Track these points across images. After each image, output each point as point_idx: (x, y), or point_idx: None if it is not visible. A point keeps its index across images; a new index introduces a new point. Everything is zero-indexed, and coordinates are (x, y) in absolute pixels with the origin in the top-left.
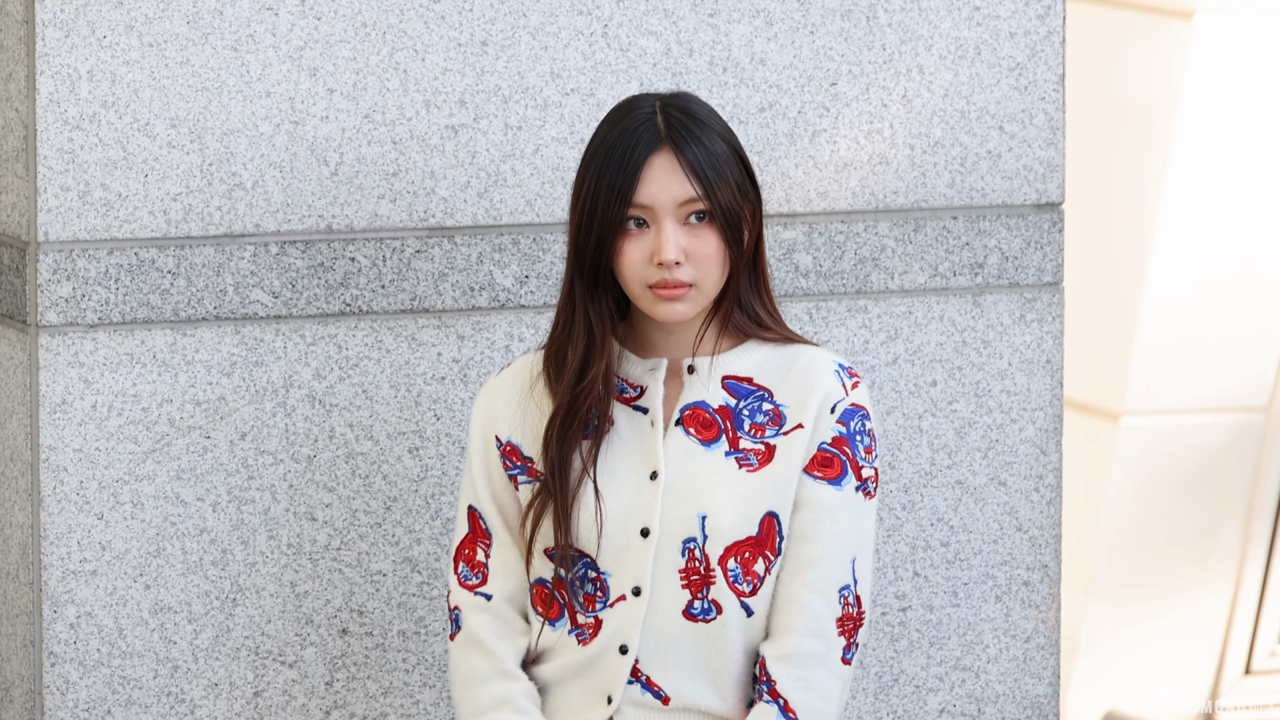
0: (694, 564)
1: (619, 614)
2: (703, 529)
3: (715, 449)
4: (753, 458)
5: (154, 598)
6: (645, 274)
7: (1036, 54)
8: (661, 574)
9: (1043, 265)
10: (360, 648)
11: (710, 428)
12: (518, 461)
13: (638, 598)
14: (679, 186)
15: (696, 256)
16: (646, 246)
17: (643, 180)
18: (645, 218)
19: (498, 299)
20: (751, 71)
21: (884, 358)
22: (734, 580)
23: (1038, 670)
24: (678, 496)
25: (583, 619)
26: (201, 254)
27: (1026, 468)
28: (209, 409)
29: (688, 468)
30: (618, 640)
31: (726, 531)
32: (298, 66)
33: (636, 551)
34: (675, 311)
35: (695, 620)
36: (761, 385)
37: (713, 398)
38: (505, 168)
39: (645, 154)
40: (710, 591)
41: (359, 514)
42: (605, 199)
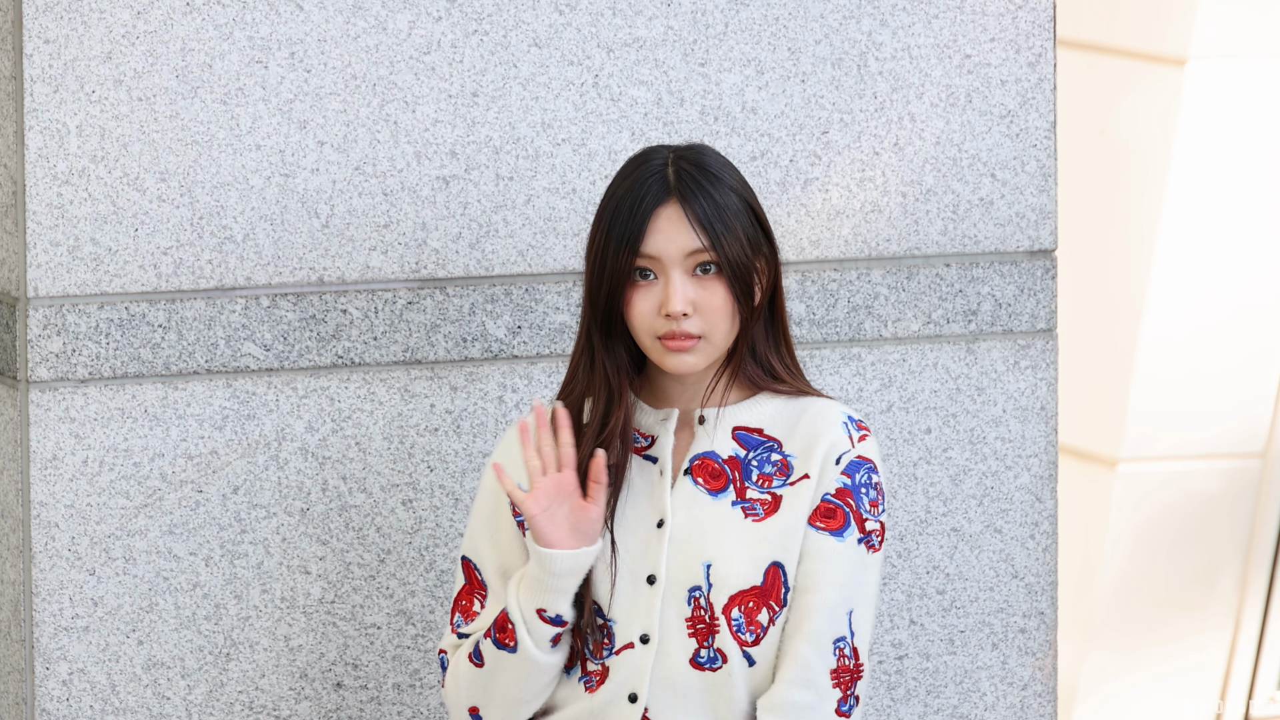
0: (699, 612)
1: (626, 662)
2: (707, 577)
3: (722, 499)
4: (759, 507)
5: (147, 653)
6: (654, 325)
7: (1028, 101)
8: (669, 622)
9: (1036, 312)
10: (355, 701)
11: (719, 478)
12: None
13: (646, 645)
14: (685, 238)
15: (705, 308)
16: (655, 298)
17: (650, 231)
18: (653, 269)
19: (490, 350)
20: (743, 120)
21: (878, 405)
22: (737, 630)
23: (1035, 718)
24: (683, 544)
25: (591, 666)
26: (192, 307)
27: (1022, 514)
28: (201, 463)
29: (694, 516)
30: (626, 689)
31: (731, 580)
32: (288, 119)
33: (644, 599)
34: (685, 363)
35: (702, 669)
36: (772, 436)
37: (722, 448)
38: (497, 218)
39: (653, 205)
40: (715, 640)
41: (353, 567)
42: (614, 249)
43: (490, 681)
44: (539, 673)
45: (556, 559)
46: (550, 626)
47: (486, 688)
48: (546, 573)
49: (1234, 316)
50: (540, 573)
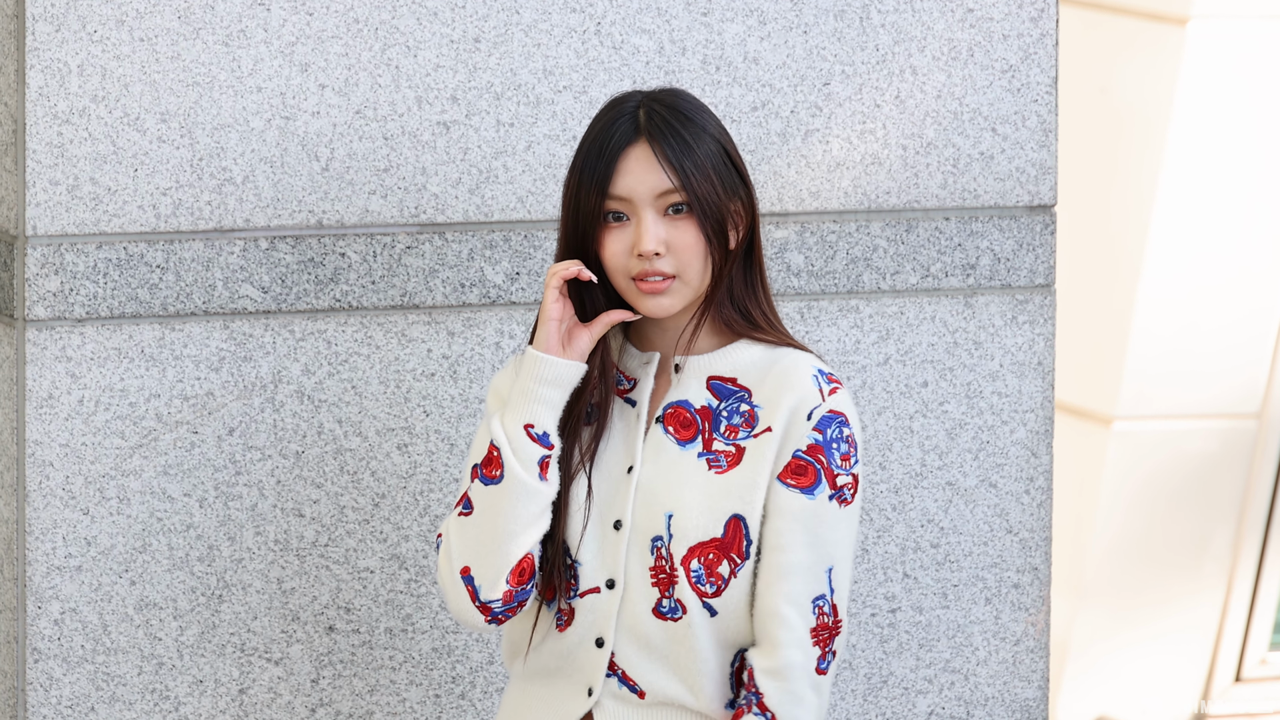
0: (661, 562)
1: (592, 606)
2: (668, 528)
3: (689, 449)
4: (722, 459)
5: (139, 594)
6: (627, 265)
7: (1029, 56)
8: (633, 569)
9: (1035, 267)
10: (347, 645)
11: (689, 427)
12: None
13: (611, 591)
14: (655, 178)
15: (677, 247)
16: (627, 239)
17: (619, 172)
18: (625, 211)
19: (488, 295)
20: (744, 71)
21: (875, 358)
22: (696, 581)
23: (1027, 673)
24: (648, 492)
25: (561, 604)
26: (190, 249)
27: (1017, 469)
28: (197, 404)
29: (660, 465)
30: (593, 633)
31: (690, 532)
32: (289, 62)
33: (610, 544)
34: (660, 305)
35: (664, 619)
36: (743, 386)
37: (695, 397)
38: (497, 164)
39: (621, 146)
40: (675, 591)
41: (347, 510)
42: (585, 191)
43: (480, 526)
44: (528, 498)
45: (547, 363)
46: (537, 446)
47: (477, 535)
48: (534, 379)
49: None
50: (528, 381)
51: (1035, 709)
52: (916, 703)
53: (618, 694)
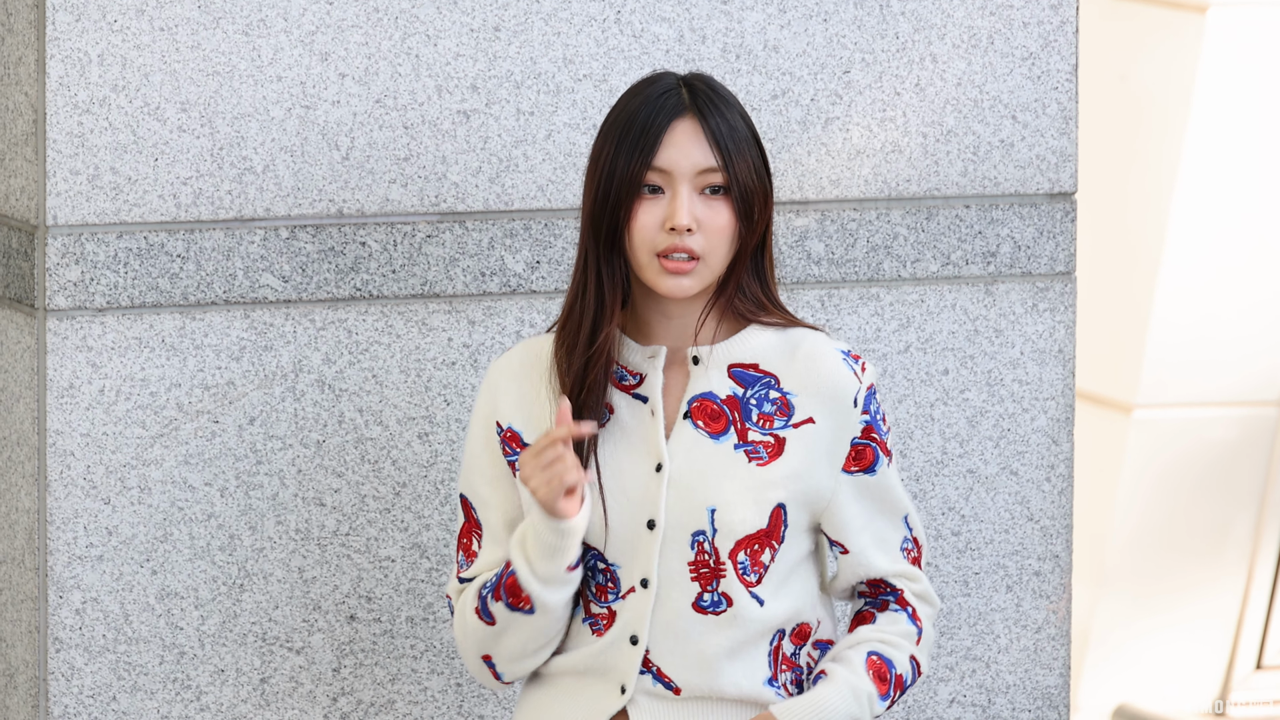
0: (703, 557)
1: (630, 605)
2: (712, 522)
3: (724, 441)
4: (762, 450)
5: (160, 583)
6: (655, 240)
7: (1050, 44)
8: (669, 566)
9: (1055, 255)
10: (368, 634)
11: (719, 419)
12: (518, 449)
13: (645, 589)
14: (700, 154)
15: (709, 227)
16: (660, 212)
17: (664, 144)
18: (662, 184)
19: (509, 284)
20: (764, 59)
21: (895, 345)
22: (743, 572)
23: (1048, 661)
24: (684, 489)
25: (596, 609)
26: (211, 238)
27: (1038, 457)
28: (217, 393)
29: (694, 461)
30: (628, 631)
31: (738, 526)
32: (309, 51)
33: (644, 544)
34: (680, 286)
35: (705, 613)
36: (768, 371)
37: (719, 388)
38: (517, 153)
39: (670, 118)
40: (720, 585)
41: (368, 499)
42: (625, 160)
43: (505, 638)
44: (557, 619)
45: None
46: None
47: (500, 641)
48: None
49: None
50: (557, 539)
51: (1056, 697)
52: (938, 690)
53: (651, 691)
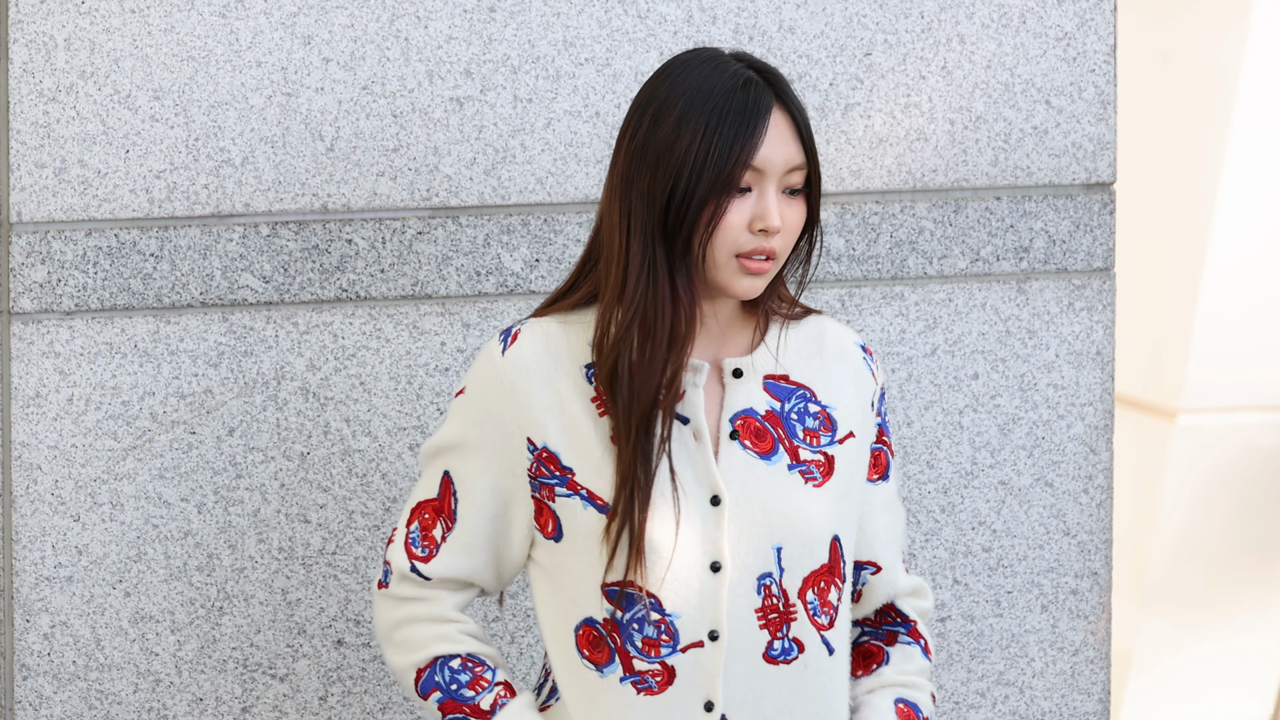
0: (771, 600)
1: (694, 662)
2: (779, 561)
3: (777, 463)
4: (815, 470)
5: (134, 606)
6: (740, 241)
7: (1086, 23)
8: (737, 614)
9: (1093, 249)
10: (356, 660)
11: (764, 438)
12: (557, 471)
13: (715, 643)
14: (792, 150)
15: (788, 226)
16: (748, 211)
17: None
18: (751, 182)
19: (506, 284)
20: (779, 40)
21: (922, 348)
22: (814, 614)
23: (1086, 686)
24: (748, 524)
25: (643, 665)
26: (187, 236)
27: (1075, 467)
28: (194, 402)
29: (752, 489)
30: (699, 694)
31: (804, 560)
32: (291, 34)
33: (709, 590)
34: (756, 286)
35: (776, 663)
36: (800, 383)
37: (758, 403)
38: (514, 143)
39: (766, 113)
40: (791, 630)
41: (355, 516)
42: (722, 155)
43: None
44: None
45: None
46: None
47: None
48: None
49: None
50: None
51: None
52: (969, 718)
53: None
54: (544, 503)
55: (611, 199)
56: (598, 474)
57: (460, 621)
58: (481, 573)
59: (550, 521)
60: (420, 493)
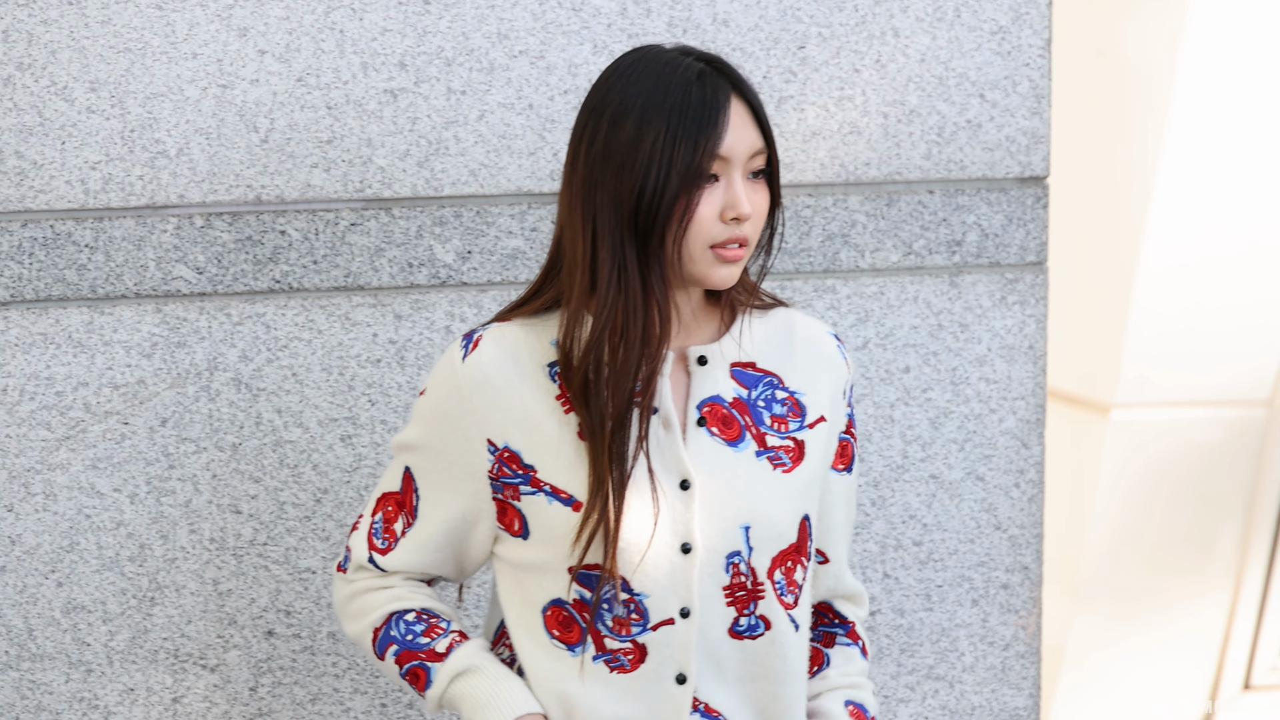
0: (739, 579)
1: (665, 639)
2: (747, 540)
3: (744, 449)
4: (785, 456)
5: (66, 596)
6: (713, 232)
7: (1021, 17)
8: (707, 592)
9: (1026, 243)
10: (287, 650)
11: (731, 425)
12: (519, 470)
13: (687, 620)
14: (752, 136)
15: (758, 211)
16: (718, 202)
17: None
18: (719, 172)
19: (438, 276)
20: (714, 33)
21: (853, 341)
22: (780, 593)
23: (1017, 680)
24: (716, 507)
25: (615, 644)
26: (121, 227)
27: (1006, 461)
28: (127, 393)
29: (719, 473)
30: (671, 668)
31: (773, 541)
32: (226, 26)
33: (680, 570)
34: (733, 274)
35: (741, 638)
36: (767, 370)
37: (725, 390)
38: (447, 135)
39: (726, 103)
40: (758, 607)
41: (287, 506)
42: (688, 149)
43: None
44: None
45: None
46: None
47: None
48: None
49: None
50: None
51: (1026, 718)
52: (898, 712)
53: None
54: (507, 502)
55: (573, 207)
56: (562, 469)
57: (412, 585)
58: (440, 567)
59: (516, 520)
60: (386, 484)
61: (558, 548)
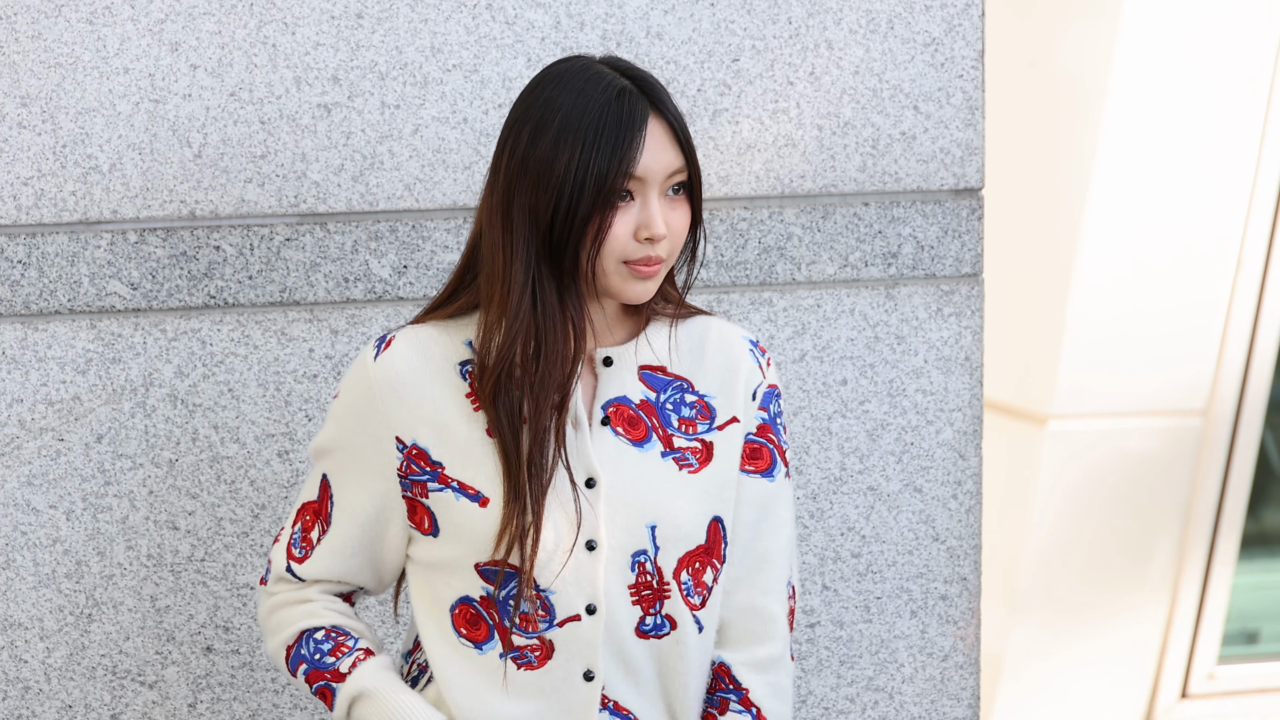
0: (645, 578)
1: (572, 635)
2: (653, 539)
3: (649, 450)
4: (691, 457)
5: (2, 613)
6: (626, 249)
7: (954, 28)
8: (613, 589)
9: (961, 255)
10: (226, 666)
11: (637, 426)
12: (427, 467)
13: (593, 616)
14: (670, 156)
15: (674, 230)
16: (632, 220)
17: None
18: (634, 190)
19: (374, 290)
20: (647, 46)
21: (790, 354)
22: (687, 593)
23: (956, 691)
24: (621, 505)
25: (522, 640)
26: (54, 242)
27: (944, 473)
28: (62, 409)
29: (624, 472)
30: (579, 665)
31: (679, 542)
32: (158, 40)
33: (585, 567)
34: (647, 290)
35: (648, 637)
36: (678, 375)
37: (632, 391)
38: (382, 149)
39: (642, 123)
40: (664, 606)
41: (224, 522)
42: (602, 169)
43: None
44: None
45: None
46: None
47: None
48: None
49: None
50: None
51: None
52: None
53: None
54: (416, 500)
55: (492, 216)
56: (470, 466)
57: (327, 601)
58: (357, 574)
59: (425, 518)
60: (305, 494)
61: (466, 544)
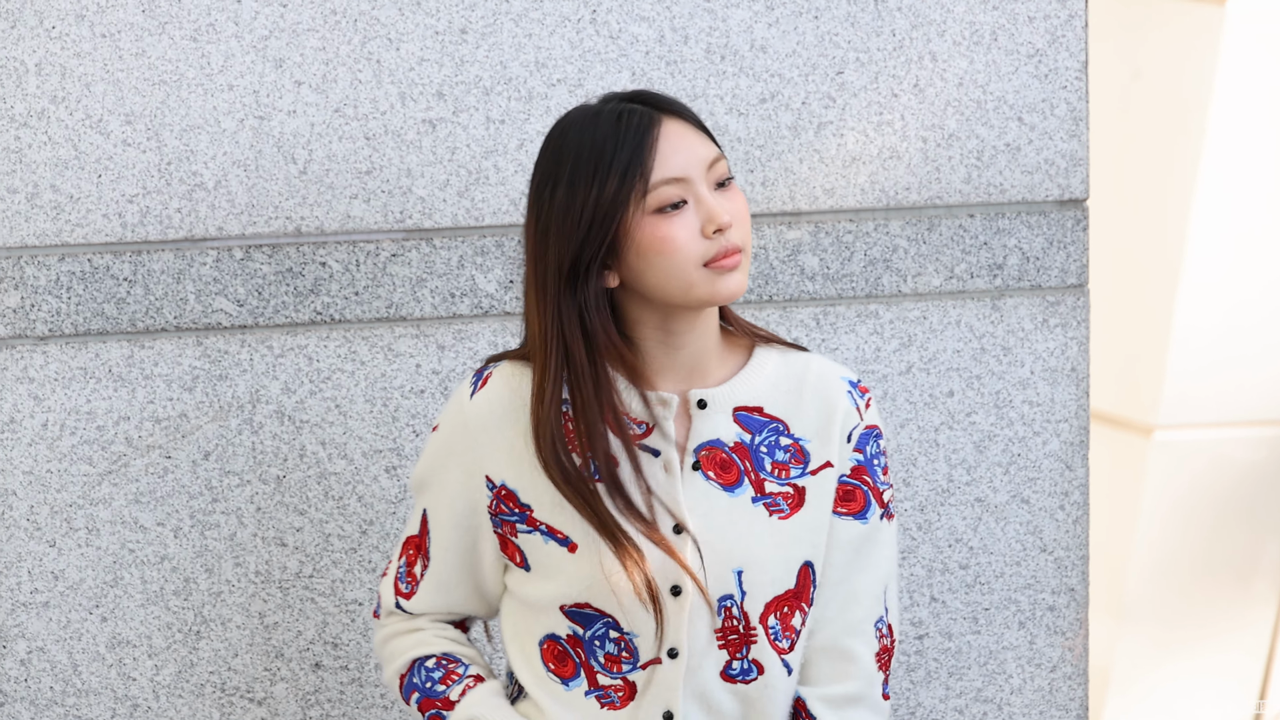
0: (732, 623)
1: (654, 678)
2: (740, 585)
3: (740, 494)
4: (782, 503)
5: (111, 631)
6: (701, 251)
7: (1057, 39)
8: (697, 634)
9: (1066, 266)
10: (335, 683)
11: (729, 469)
12: (515, 509)
13: (675, 660)
14: (700, 147)
15: (739, 216)
16: (692, 222)
17: (664, 152)
18: (682, 195)
19: (480, 305)
20: (752, 60)
21: (897, 366)
22: (774, 638)
23: (1064, 702)
24: (708, 551)
25: (606, 680)
26: (160, 260)
27: (1051, 484)
28: (169, 427)
29: (713, 518)
30: (659, 707)
31: (766, 587)
32: (262, 57)
33: (670, 612)
34: (738, 283)
35: (735, 682)
36: (774, 416)
37: (726, 434)
38: (487, 164)
39: (650, 129)
40: (751, 651)
41: (332, 538)
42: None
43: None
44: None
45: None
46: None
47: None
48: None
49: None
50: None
51: None
52: None
53: None
54: (507, 538)
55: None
56: (559, 510)
57: (439, 629)
58: (463, 604)
59: (517, 554)
60: (409, 527)
61: (554, 584)
